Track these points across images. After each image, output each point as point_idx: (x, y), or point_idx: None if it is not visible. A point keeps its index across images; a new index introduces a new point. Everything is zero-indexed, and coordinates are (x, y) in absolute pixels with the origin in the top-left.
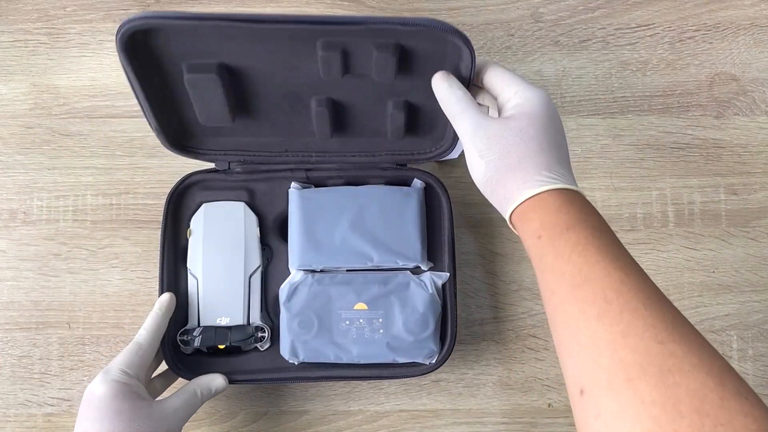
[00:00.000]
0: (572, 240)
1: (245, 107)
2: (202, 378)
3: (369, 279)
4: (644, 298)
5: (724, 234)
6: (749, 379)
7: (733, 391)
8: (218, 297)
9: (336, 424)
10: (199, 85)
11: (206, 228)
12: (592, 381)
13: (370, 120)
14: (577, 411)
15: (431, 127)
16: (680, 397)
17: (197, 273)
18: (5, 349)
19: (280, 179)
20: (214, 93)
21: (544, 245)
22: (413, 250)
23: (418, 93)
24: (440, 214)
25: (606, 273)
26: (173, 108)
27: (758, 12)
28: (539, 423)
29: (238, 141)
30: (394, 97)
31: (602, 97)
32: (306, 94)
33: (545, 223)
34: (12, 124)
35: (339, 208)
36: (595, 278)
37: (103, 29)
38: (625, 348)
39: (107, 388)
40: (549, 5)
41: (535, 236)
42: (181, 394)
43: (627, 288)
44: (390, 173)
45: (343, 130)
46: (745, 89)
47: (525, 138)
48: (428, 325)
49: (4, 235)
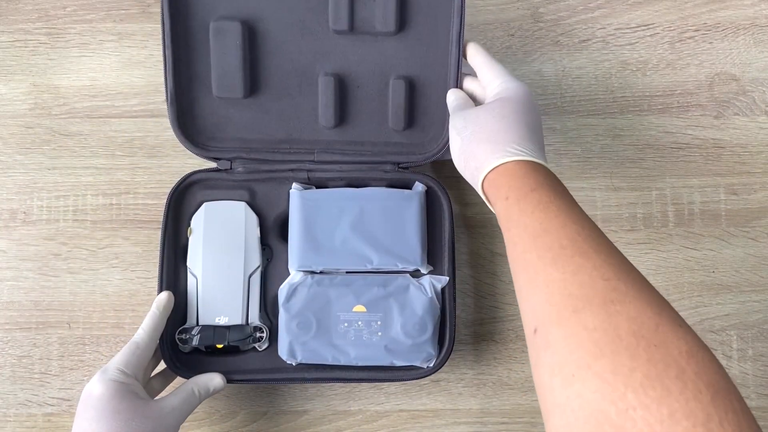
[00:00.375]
0: (536, 199)
1: (256, 80)
2: (200, 377)
3: (368, 281)
4: (595, 245)
5: (724, 234)
6: (749, 379)
7: (669, 319)
8: (217, 296)
9: (336, 424)
10: (222, 34)
11: (207, 227)
12: (544, 317)
13: (373, 104)
14: (531, 350)
15: (430, 122)
16: (619, 323)
17: (197, 272)
18: (5, 349)
19: (282, 180)
20: (234, 46)
21: (511, 205)
22: (413, 253)
23: (416, 64)
24: (441, 217)
25: (563, 225)
26: (189, 75)
27: (758, 12)
28: (539, 423)
29: (241, 135)
30: (396, 71)
31: (602, 96)
32: (314, 68)
33: (512, 187)
34: (12, 124)
35: (340, 210)
36: (553, 229)
37: (103, 29)
38: (573, 284)
39: (105, 387)
40: (549, 5)
41: (503, 198)
42: (178, 393)
43: (581, 237)
44: (391, 176)
45: (347, 118)
46: (745, 89)
47: (497, 116)
48: (426, 328)
49: (4, 235)
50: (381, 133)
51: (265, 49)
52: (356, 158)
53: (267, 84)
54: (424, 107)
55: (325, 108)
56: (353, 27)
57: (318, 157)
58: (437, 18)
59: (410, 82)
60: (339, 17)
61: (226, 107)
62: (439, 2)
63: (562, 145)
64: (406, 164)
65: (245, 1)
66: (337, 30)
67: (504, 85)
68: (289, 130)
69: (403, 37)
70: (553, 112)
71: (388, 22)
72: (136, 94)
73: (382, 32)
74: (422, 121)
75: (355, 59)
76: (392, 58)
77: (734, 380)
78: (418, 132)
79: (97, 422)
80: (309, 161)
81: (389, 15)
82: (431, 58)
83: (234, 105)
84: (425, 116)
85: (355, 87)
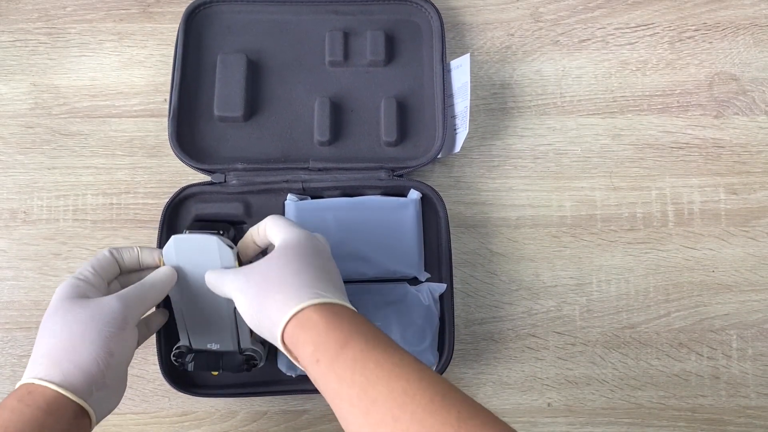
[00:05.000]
0: (350, 358)
1: (256, 105)
2: (158, 273)
3: (366, 290)
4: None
5: (723, 233)
6: (749, 379)
7: None
8: (205, 326)
9: (336, 424)
10: (228, 64)
11: (180, 262)
12: None
13: (366, 125)
14: None
15: (422, 136)
16: None
17: (179, 305)
18: (5, 348)
19: (277, 191)
20: (237, 74)
21: (325, 371)
22: (410, 261)
23: (406, 86)
24: (437, 223)
25: (389, 389)
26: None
27: (758, 12)
28: (539, 422)
29: (238, 153)
30: (387, 94)
31: (602, 96)
32: (310, 94)
33: (318, 345)
34: (12, 124)
35: (335, 220)
36: (380, 399)
37: (104, 29)
38: None
39: (60, 288)
40: (549, 5)
41: (314, 361)
42: (127, 293)
43: (410, 398)
44: (386, 183)
45: (341, 137)
46: (745, 89)
47: (280, 264)
48: (426, 336)
49: (4, 234)
50: (374, 148)
51: (265, 78)
52: (351, 165)
53: (265, 108)
54: (415, 123)
55: (320, 128)
56: (347, 59)
57: (313, 165)
58: (422, 45)
59: (401, 102)
60: (334, 51)
61: (224, 128)
62: (423, 30)
63: (562, 145)
64: (400, 171)
65: (251, 38)
66: (332, 62)
67: (284, 237)
68: (285, 149)
69: (393, 65)
70: (553, 112)
71: (378, 52)
72: (137, 94)
73: (373, 61)
74: (413, 135)
75: (349, 87)
76: (384, 83)
77: (734, 380)
78: (410, 146)
79: (44, 322)
80: (304, 170)
81: (379, 47)
82: (419, 79)
83: (233, 126)
84: (416, 131)
85: (348, 111)
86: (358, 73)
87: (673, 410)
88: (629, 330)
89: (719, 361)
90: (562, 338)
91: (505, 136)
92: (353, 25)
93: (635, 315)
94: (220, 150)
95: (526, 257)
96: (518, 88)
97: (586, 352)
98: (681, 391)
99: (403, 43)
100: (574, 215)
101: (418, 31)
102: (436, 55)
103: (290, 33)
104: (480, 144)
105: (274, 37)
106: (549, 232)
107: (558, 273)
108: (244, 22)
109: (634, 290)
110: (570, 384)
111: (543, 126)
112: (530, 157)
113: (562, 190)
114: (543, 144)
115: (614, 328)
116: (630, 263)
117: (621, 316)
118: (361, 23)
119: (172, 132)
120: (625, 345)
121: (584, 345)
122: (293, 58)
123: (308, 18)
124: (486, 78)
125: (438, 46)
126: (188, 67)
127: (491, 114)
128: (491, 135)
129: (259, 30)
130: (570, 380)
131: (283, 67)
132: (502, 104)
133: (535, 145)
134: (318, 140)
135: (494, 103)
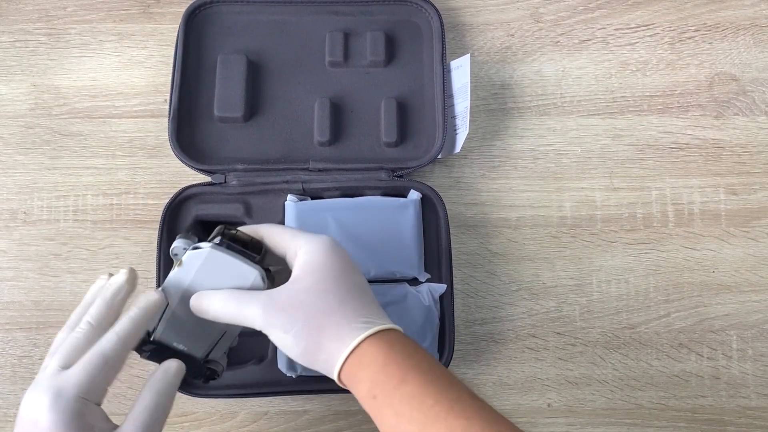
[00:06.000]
0: (407, 393)
1: (256, 105)
2: (155, 381)
3: None
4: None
5: (723, 234)
6: (749, 379)
7: None
8: (184, 325)
9: (336, 424)
10: (228, 65)
11: (200, 272)
12: None
13: (366, 125)
14: None
15: (422, 136)
16: None
17: (171, 300)
18: (6, 349)
19: (277, 192)
20: (238, 75)
21: (381, 405)
22: (410, 261)
23: (406, 87)
24: (437, 224)
25: (448, 428)
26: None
27: (758, 12)
28: (539, 423)
29: (238, 154)
30: (387, 94)
31: (602, 97)
32: (311, 95)
33: (376, 382)
34: (12, 124)
35: (335, 221)
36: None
37: (104, 29)
38: None
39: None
40: (549, 5)
41: (371, 396)
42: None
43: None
44: (386, 184)
45: (341, 137)
46: (745, 89)
47: (320, 295)
48: (426, 337)
49: (4, 235)
50: (374, 148)
51: (266, 79)
52: (351, 166)
53: (266, 109)
54: (415, 123)
55: (320, 129)
56: (347, 59)
57: (313, 166)
58: (422, 45)
59: (401, 103)
60: (334, 51)
61: (225, 128)
62: (423, 31)
63: (562, 145)
64: (400, 172)
65: (251, 39)
66: (332, 62)
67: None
68: (285, 150)
69: (393, 65)
70: (553, 112)
71: (379, 52)
72: (137, 95)
73: (373, 62)
74: (413, 136)
75: (349, 87)
76: (384, 84)
77: (734, 380)
78: (410, 147)
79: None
80: (304, 171)
81: (379, 47)
82: (420, 80)
83: (233, 126)
84: (416, 132)
85: (349, 111)
86: (358, 73)
87: (674, 411)
88: (629, 330)
89: (719, 362)
90: (562, 339)
91: (505, 136)
92: (353, 25)
93: (635, 315)
94: (220, 150)
95: (526, 258)
96: (518, 89)
97: (586, 353)
98: (681, 391)
99: (403, 44)
100: (574, 216)
101: (418, 31)
102: (436, 55)
103: (290, 33)
104: (480, 144)
105: (275, 37)
106: (549, 233)
107: (558, 273)
108: (245, 23)
109: (634, 291)
110: (570, 384)
111: (543, 126)
112: (530, 157)
113: (562, 191)
114: (543, 144)
115: (614, 329)
116: (630, 264)
117: (621, 316)
118: (362, 24)
119: (172, 132)
120: (626, 345)
121: (584, 345)
122: (293, 58)
123: (308, 18)
124: (486, 78)
125: (438, 47)
126: (188, 68)
127: (491, 114)
128: (491, 135)
129: (259, 30)
130: (570, 381)
131: (283, 67)
132: (502, 105)
133: (536, 145)
134: (318, 141)
135: (494, 103)
